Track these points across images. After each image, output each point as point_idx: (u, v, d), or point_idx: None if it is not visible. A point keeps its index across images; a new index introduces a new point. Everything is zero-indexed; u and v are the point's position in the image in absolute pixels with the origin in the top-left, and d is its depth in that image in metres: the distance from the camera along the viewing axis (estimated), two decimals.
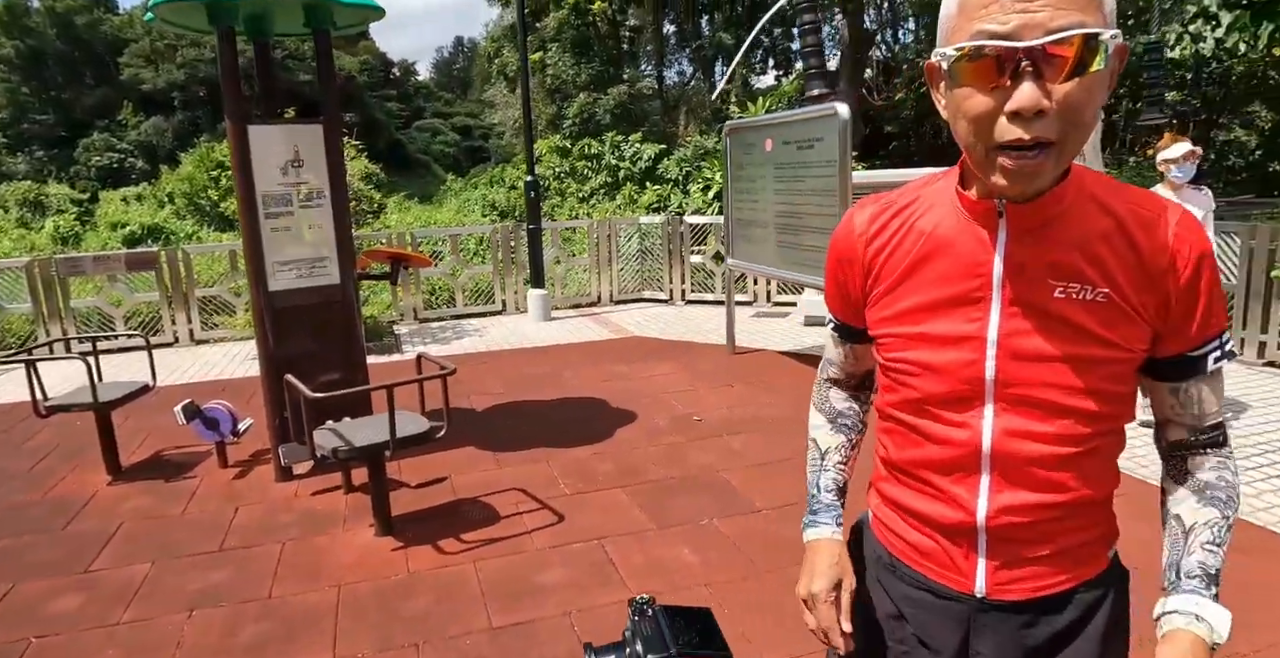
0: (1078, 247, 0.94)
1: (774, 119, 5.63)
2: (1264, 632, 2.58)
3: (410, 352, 7.21)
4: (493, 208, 15.10)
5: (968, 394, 0.99)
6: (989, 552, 1.03)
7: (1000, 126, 0.83)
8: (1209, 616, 0.95)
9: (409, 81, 47.67)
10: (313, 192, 4.02)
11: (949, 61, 0.85)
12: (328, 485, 4.02)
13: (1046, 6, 0.79)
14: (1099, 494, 1.03)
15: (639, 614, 0.79)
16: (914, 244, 1.02)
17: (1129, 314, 0.94)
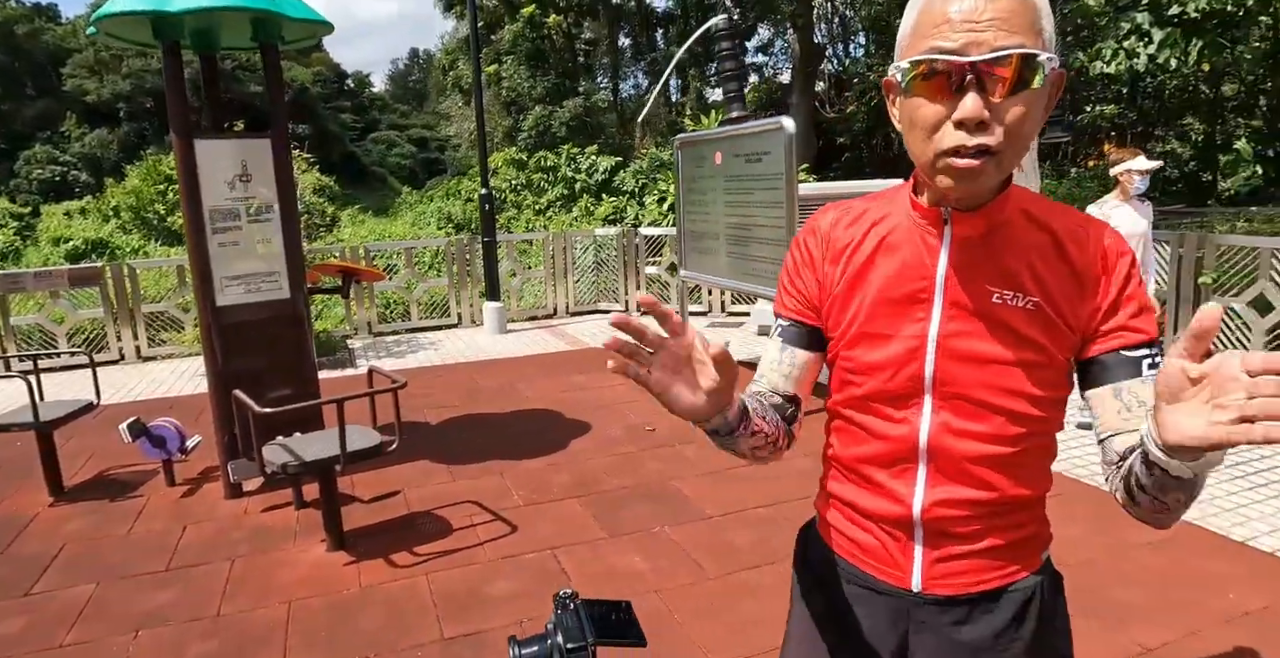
0: (1015, 257, 1.02)
1: (723, 133, 5.75)
2: (1187, 618, 2.71)
3: (365, 366, 7.15)
4: (448, 220, 15.03)
5: (908, 391, 1.05)
6: (925, 544, 1.08)
7: (947, 134, 0.91)
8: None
9: (364, 93, 47.24)
10: (261, 206, 4.00)
11: (904, 74, 0.93)
12: (279, 502, 3.99)
13: (991, 27, 0.88)
14: (1029, 495, 1.09)
15: (561, 608, 0.85)
16: (870, 247, 1.09)
17: (1056, 323, 1.01)
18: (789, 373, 1.17)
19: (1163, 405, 0.79)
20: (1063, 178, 13.51)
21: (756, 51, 20.27)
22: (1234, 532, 3.40)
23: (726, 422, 0.95)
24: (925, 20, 0.92)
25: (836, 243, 1.12)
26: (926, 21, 0.92)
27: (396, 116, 48.13)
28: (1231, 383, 0.72)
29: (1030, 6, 0.90)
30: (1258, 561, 3.16)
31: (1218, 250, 6.00)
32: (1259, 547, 3.27)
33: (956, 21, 0.89)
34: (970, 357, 1.02)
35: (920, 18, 0.93)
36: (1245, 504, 3.68)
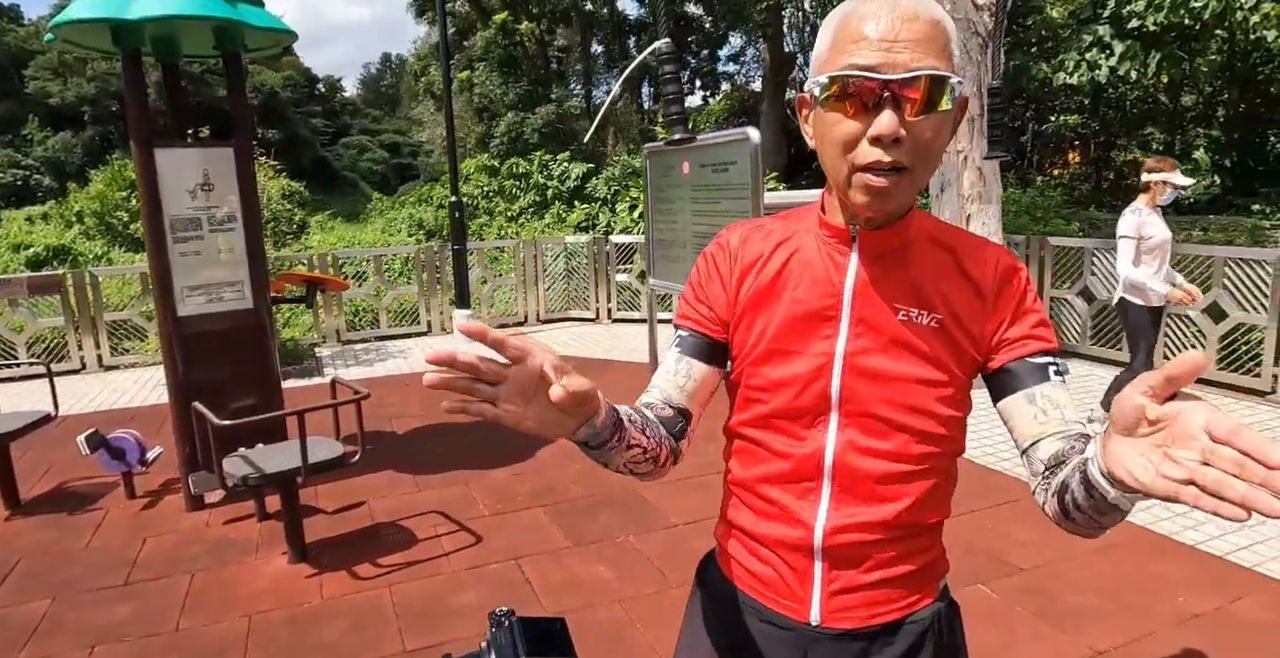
0: (920, 275, 1.05)
1: (690, 143, 5.79)
2: (1140, 622, 2.78)
3: (332, 374, 7.10)
4: (420, 227, 14.96)
5: (814, 408, 1.05)
6: (824, 574, 1.08)
7: (862, 150, 0.93)
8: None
9: (335, 98, 46.84)
10: (224, 215, 3.97)
11: (821, 89, 0.95)
12: (241, 514, 3.95)
13: (906, 49, 0.90)
14: (930, 520, 1.10)
15: (496, 626, 0.86)
16: (777, 264, 1.10)
17: (959, 341, 1.04)
18: (684, 384, 1.14)
19: (1114, 434, 0.75)
20: (1028, 186, 13.75)
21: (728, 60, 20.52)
22: (1185, 535, 3.49)
23: (596, 433, 0.92)
24: (843, 37, 0.94)
25: (744, 259, 1.12)
26: (844, 39, 0.94)
27: (368, 121, 47.79)
28: (1190, 440, 0.67)
29: (942, 31, 0.93)
30: (1208, 564, 3.24)
31: (1175, 259, 6.14)
32: (1209, 550, 3.35)
33: (874, 40, 0.91)
34: (876, 374, 1.03)
35: (837, 35, 0.95)
36: (1194, 509, 3.76)
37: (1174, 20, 11.69)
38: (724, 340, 1.14)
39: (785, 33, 16.98)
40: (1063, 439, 0.99)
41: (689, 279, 1.19)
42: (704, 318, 1.14)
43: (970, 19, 6.03)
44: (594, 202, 14.92)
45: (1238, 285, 5.65)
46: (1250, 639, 2.70)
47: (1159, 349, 6.23)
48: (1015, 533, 3.46)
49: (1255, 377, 5.62)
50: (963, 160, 6.30)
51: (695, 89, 23.39)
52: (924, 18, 0.92)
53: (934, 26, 0.92)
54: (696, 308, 1.16)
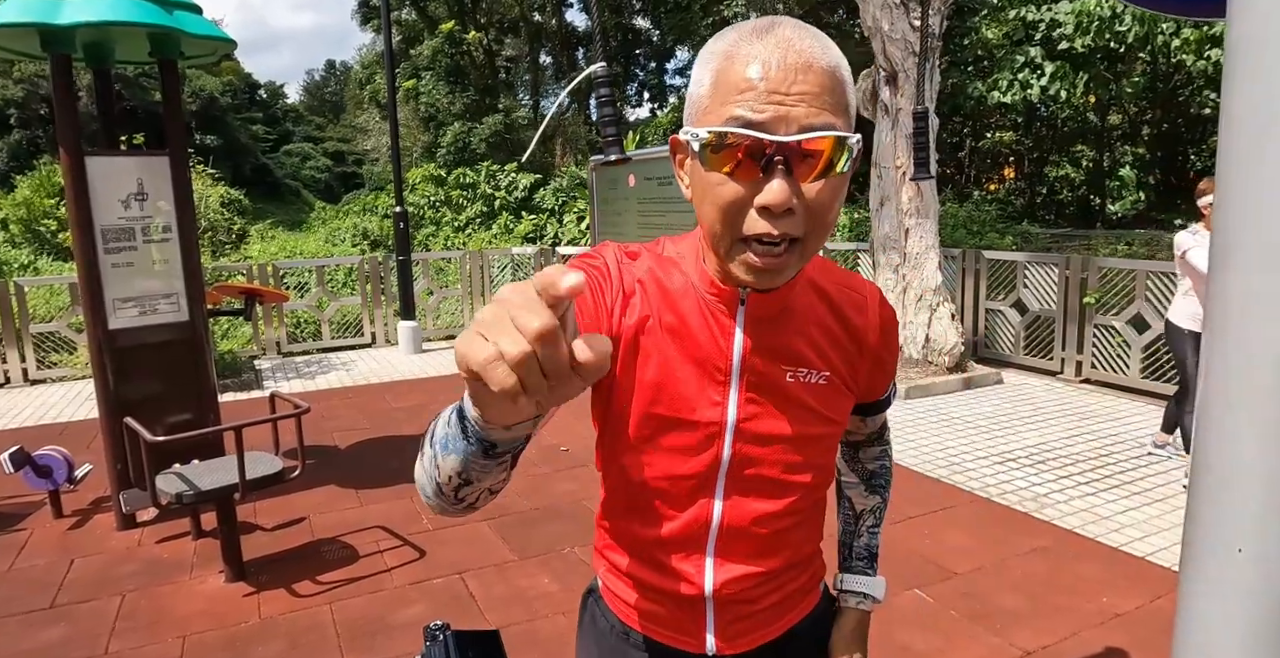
0: (803, 332, 0.99)
1: (636, 155, 5.84)
2: (1066, 622, 2.88)
3: (271, 387, 6.95)
4: (364, 237, 14.73)
5: (703, 476, 1.00)
6: (716, 615, 1.07)
7: (750, 219, 0.82)
8: (874, 590, 1.22)
9: (277, 104, 45.91)
10: (159, 225, 3.88)
11: (699, 142, 0.82)
12: (175, 532, 3.84)
13: (801, 103, 0.79)
14: (810, 550, 1.14)
15: (430, 639, 0.87)
16: (660, 316, 0.97)
17: (843, 391, 1.03)
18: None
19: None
20: (965, 201, 14.19)
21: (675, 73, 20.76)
22: (1109, 538, 3.63)
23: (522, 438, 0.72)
24: (725, 83, 0.81)
25: (623, 288, 0.97)
26: (727, 85, 0.81)
27: (312, 129, 46.88)
28: None
29: (839, 81, 0.83)
30: (1130, 565, 3.38)
31: (1100, 272, 6.41)
32: (1131, 552, 3.50)
33: (762, 91, 0.79)
34: (767, 437, 0.99)
35: (719, 79, 0.82)
36: (1120, 512, 3.93)
37: (1100, 43, 12.23)
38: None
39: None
40: (865, 437, 1.24)
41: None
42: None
43: (908, 39, 6.23)
44: (542, 213, 14.90)
45: (1161, 297, 5.92)
46: (1170, 637, 2.82)
47: (1087, 358, 6.49)
48: (950, 538, 3.56)
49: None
50: (901, 176, 6.48)
51: (643, 101, 23.58)
52: (819, 66, 0.80)
53: (831, 76, 0.81)
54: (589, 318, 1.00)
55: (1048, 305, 6.68)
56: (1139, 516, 3.88)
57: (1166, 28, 11.95)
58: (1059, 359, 6.64)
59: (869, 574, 1.23)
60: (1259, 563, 0.61)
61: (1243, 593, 0.63)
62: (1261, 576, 0.62)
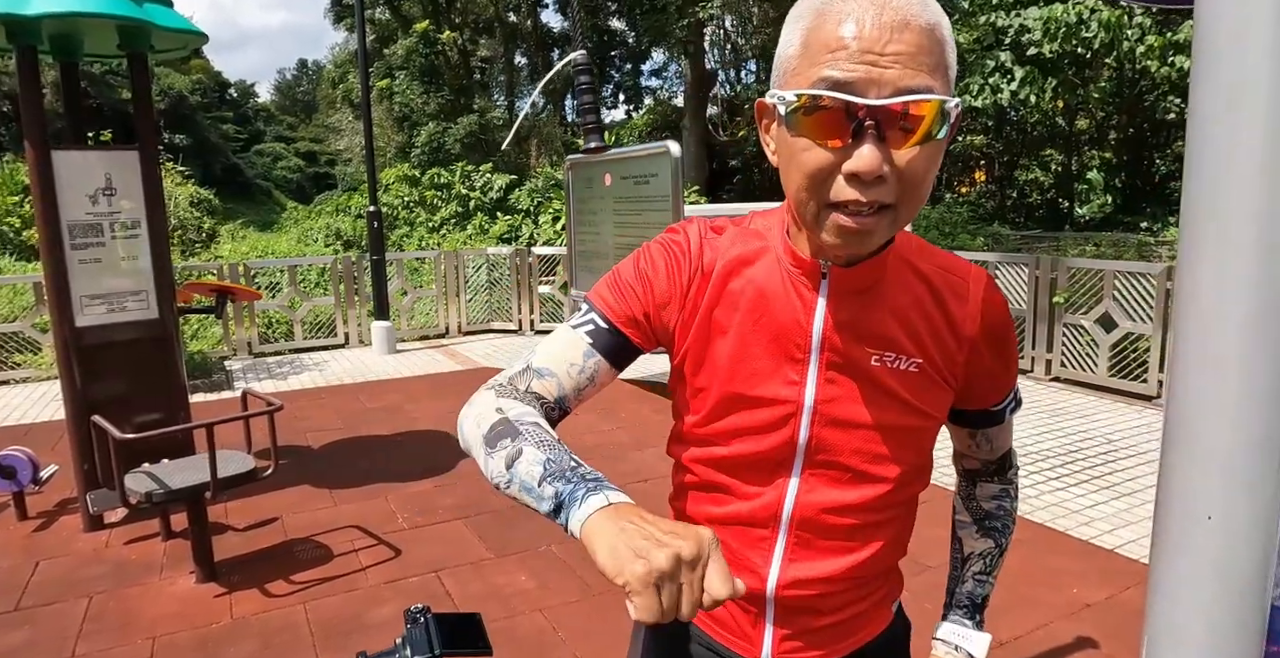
0: (895, 315, 0.92)
1: (612, 155, 5.85)
2: (1037, 613, 2.93)
3: (242, 388, 6.86)
4: (337, 237, 14.59)
5: (777, 458, 0.95)
6: (776, 622, 1.01)
7: (837, 186, 0.77)
8: (968, 644, 1.11)
9: (248, 103, 45.35)
10: (128, 221, 3.81)
11: (787, 107, 0.78)
12: (144, 533, 3.77)
13: (896, 64, 0.73)
14: (888, 564, 1.04)
15: (411, 622, 0.87)
16: (740, 290, 0.94)
17: (939, 383, 0.95)
18: (583, 386, 0.97)
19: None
20: (936, 203, 14.37)
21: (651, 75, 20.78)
22: (1079, 531, 3.69)
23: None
24: (815, 42, 0.76)
25: (702, 264, 0.96)
26: (817, 44, 0.76)
27: (283, 128, 46.33)
28: None
29: (938, 41, 0.76)
30: (1099, 557, 3.44)
31: (1069, 272, 6.52)
32: (1100, 544, 3.56)
33: (855, 50, 0.73)
34: (847, 422, 0.93)
35: (810, 37, 0.77)
36: (1090, 506, 3.99)
37: (1067, 49, 12.44)
38: (638, 344, 0.98)
39: (707, 50, 17.32)
40: (981, 463, 1.13)
41: (625, 265, 1.00)
42: (634, 318, 0.97)
43: None
44: (517, 213, 14.85)
45: (1127, 297, 6.03)
46: (1138, 627, 2.87)
47: (1056, 357, 6.59)
48: (924, 532, 3.58)
49: (1143, 382, 5.99)
50: None
51: (619, 103, 23.60)
52: (917, 24, 0.74)
53: (929, 35, 0.75)
54: (633, 301, 0.97)
55: (1019, 305, 6.77)
56: (1108, 509, 3.95)
57: (1131, 34, 12.19)
58: (1029, 357, 6.74)
59: (966, 626, 1.12)
60: (1227, 530, 0.63)
61: (1211, 558, 0.65)
62: (1229, 542, 0.64)
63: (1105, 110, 15.54)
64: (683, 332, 0.97)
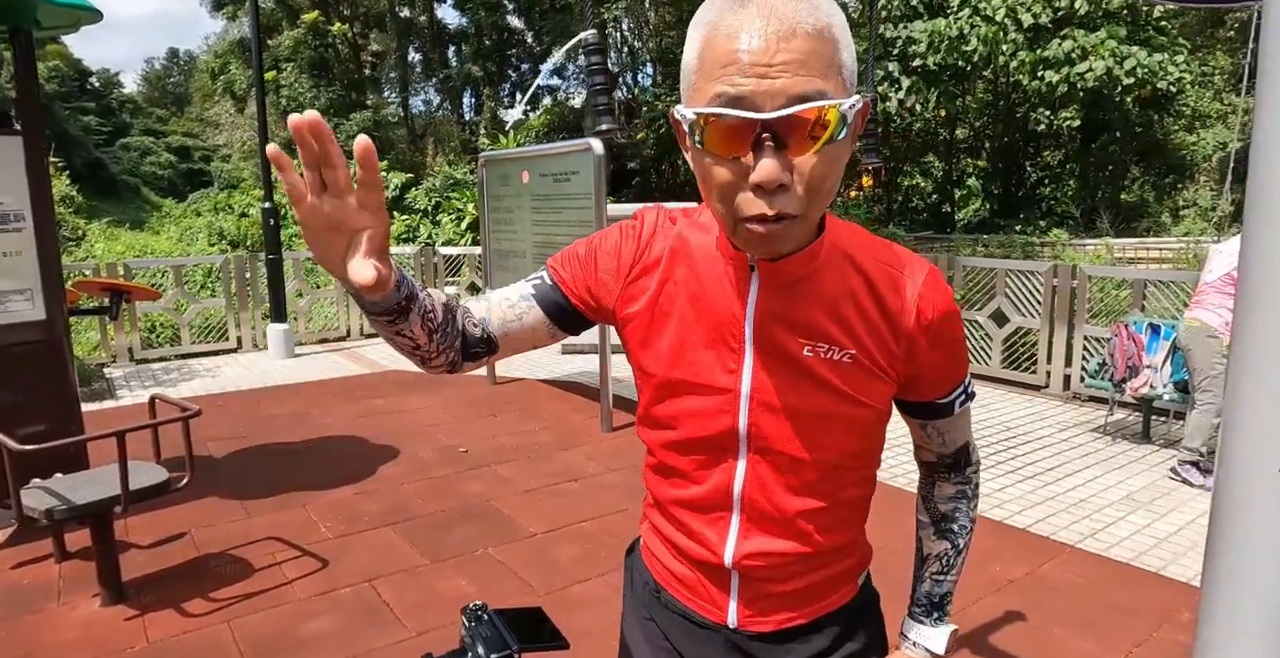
0: (826, 306, 0.94)
1: (531, 152, 5.78)
2: (965, 590, 3.07)
3: (126, 397, 6.39)
4: (221, 237, 13.79)
5: (722, 443, 0.99)
6: (739, 590, 1.05)
7: (744, 199, 0.79)
8: (926, 641, 1.13)
9: (111, 94, 42.18)
10: (10, 213, 3.48)
11: (690, 125, 0.80)
12: (32, 556, 3.45)
13: (785, 72, 0.74)
14: (845, 539, 1.07)
15: (474, 620, 0.82)
16: (684, 280, 0.99)
17: (875, 374, 0.96)
18: (509, 321, 1.04)
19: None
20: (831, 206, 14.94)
21: (551, 74, 20.68)
22: (992, 513, 3.90)
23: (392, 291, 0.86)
24: (710, 58, 0.78)
25: (649, 253, 1.01)
26: (711, 60, 0.78)
27: (152, 121, 43.31)
28: None
29: (828, 41, 0.77)
30: (1014, 536, 3.65)
31: (964, 271, 6.88)
32: (1014, 524, 3.77)
33: (745, 64, 0.75)
34: (783, 410, 0.96)
35: (704, 54, 0.79)
36: (1000, 489, 4.23)
37: (950, 61, 13.16)
38: (581, 309, 1.05)
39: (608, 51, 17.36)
40: (936, 456, 1.12)
41: (594, 238, 1.06)
42: (578, 282, 1.04)
43: None
44: (414, 213, 14.45)
45: (1017, 294, 6.42)
46: (1057, 597, 3.07)
47: None
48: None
49: (1032, 374, 6.39)
50: None
51: (515, 103, 23.33)
52: (804, 30, 0.75)
53: (817, 38, 0.76)
54: (577, 271, 1.04)
55: None
56: (1015, 492, 4.19)
57: (1007, 49, 13.02)
58: None
59: (924, 623, 1.14)
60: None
61: (1276, 509, 0.67)
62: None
63: (982, 120, 16.53)
64: (624, 312, 1.02)
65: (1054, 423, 5.48)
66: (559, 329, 1.06)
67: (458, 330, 1.01)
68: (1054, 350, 6.18)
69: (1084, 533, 3.67)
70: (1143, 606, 3.01)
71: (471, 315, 1.03)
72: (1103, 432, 5.24)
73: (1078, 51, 12.04)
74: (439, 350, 0.99)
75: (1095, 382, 5.34)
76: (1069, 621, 2.90)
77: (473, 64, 17.40)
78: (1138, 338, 4.98)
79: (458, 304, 1.04)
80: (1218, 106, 15.53)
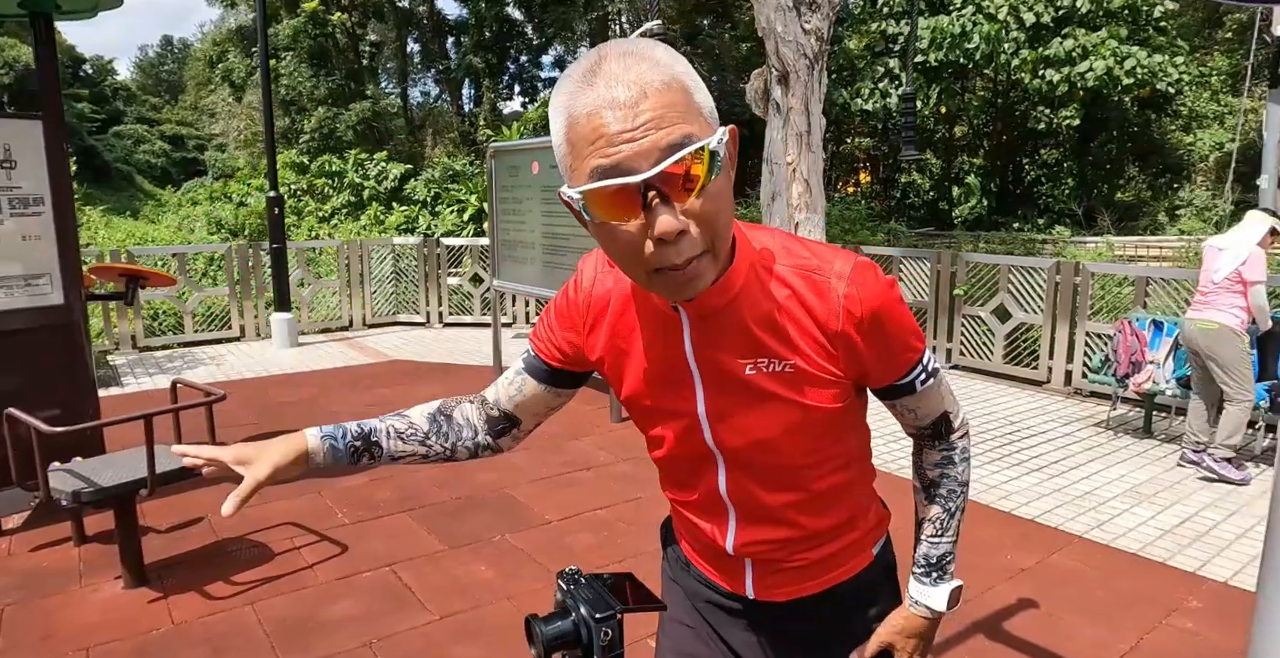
0: (759, 323, 0.97)
1: (542, 143, 5.79)
2: (980, 578, 3.12)
3: (131, 384, 6.40)
4: (219, 226, 13.73)
5: (699, 459, 1.08)
6: (753, 569, 1.15)
7: (651, 254, 0.83)
8: (927, 600, 1.17)
9: (105, 81, 41.84)
10: (28, 198, 3.49)
11: (578, 203, 0.83)
12: (50, 539, 3.47)
13: (650, 130, 0.78)
14: (835, 520, 1.13)
15: (572, 583, 0.85)
16: (631, 323, 1.05)
17: (819, 378, 0.99)
18: (514, 396, 1.19)
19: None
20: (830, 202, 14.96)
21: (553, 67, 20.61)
22: (1000, 504, 3.95)
23: (327, 465, 1.16)
24: (577, 139, 0.81)
25: (595, 303, 1.08)
26: (579, 141, 0.81)
27: (146, 109, 42.96)
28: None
29: (679, 90, 0.81)
30: (1022, 526, 3.70)
31: (968, 266, 6.93)
32: (1021, 515, 3.83)
33: (612, 135, 0.78)
34: (740, 428, 1.02)
35: (570, 137, 0.83)
36: (1006, 481, 4.28)
37: (951, 59, 13.19)
38: (564, 368, 1.15)
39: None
40: (914, 428, 1.17)
41: (550, 305, 1.16)
42: (550, 348, 1.15)
43: (800, 42, 6.49)
44: (414, 204, 14.40)
45: (1019, 290, 6.47)
46: (1067, 585, 3.12)
47: (956, 346, 7.01)
48: None
49: (1034, 369, 6.45)
50: (792, 173, 6.75)
51: (514, 95, 23.27)
52: (654, 87, 0.79)
53: (667, 91, 0.80)
54: (546, 339, 1.15)
55: (921, 297, 7.15)
56: (1021, 484, 4.25)
57: (1008, 48, 13.06)
58: (931, 347, 7.12)
59: (924, 583, 1.19)
60: None
61: None
62: None
63: (981, 118, 16.57)
64: (594, 357, 1.11)
65: (1057, 418, 5.55)
66: (559, 389, 1.18)
67: (460, 425, 1.19)
68: (1056, 346, 6.24)
69: (1090, 524, 3.73)
70: (1150, 594, 3.07)
71: (486, 402, 1.20)
72: (1105, 426, 5.31)
73: (1079, 51, 12.08)
74: (450, 448, 1.19)
75: (1098, 377, 5.41)
76: (1079, 608, 2.95)
77: (473, 55, 17.33)
78: (1141, 334, 5.04)
79: (458, 402, 1.21)
80: (1215, 107, 15.62)
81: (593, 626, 0.81)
